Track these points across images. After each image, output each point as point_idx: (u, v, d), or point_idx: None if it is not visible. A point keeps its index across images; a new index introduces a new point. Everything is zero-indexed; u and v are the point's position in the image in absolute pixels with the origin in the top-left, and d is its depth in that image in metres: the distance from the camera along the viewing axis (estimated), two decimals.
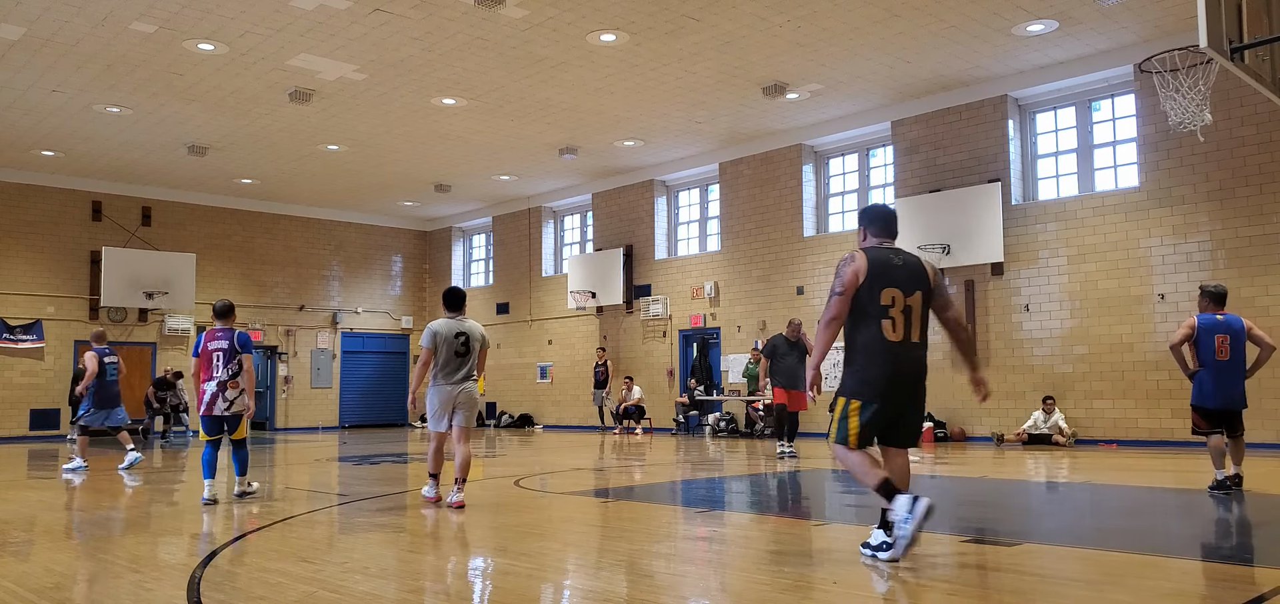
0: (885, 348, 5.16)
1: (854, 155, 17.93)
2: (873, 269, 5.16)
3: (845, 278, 5.19)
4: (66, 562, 5.68)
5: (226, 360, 8.33)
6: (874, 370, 5.19)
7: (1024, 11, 12.46)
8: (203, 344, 8.39)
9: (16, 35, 12.69)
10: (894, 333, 5.16)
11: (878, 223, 5.43)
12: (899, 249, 5.33)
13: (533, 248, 23.88)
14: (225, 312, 8.58)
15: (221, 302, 8.67)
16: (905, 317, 5.17)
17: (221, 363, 8.31)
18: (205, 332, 8.46)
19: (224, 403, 8.30)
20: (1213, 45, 5.55)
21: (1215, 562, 5.54)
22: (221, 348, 8.34)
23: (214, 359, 8.33)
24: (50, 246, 20.80)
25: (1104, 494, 8.54)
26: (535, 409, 23.47)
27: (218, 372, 8.30)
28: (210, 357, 8.33)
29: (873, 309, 5.16)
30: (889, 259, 5.22)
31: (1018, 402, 14.93)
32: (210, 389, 8.29)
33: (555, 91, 15.33)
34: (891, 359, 5.16)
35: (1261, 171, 12.85)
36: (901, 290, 5.16)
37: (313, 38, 12.92)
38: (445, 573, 5.44)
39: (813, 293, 17.67)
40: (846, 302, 5.21)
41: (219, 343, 8.36)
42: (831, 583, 4.81)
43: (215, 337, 8.39)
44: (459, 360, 7.78)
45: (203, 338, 8.44)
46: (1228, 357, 8.28)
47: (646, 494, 9.08)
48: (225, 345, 8.35)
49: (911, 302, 5.18)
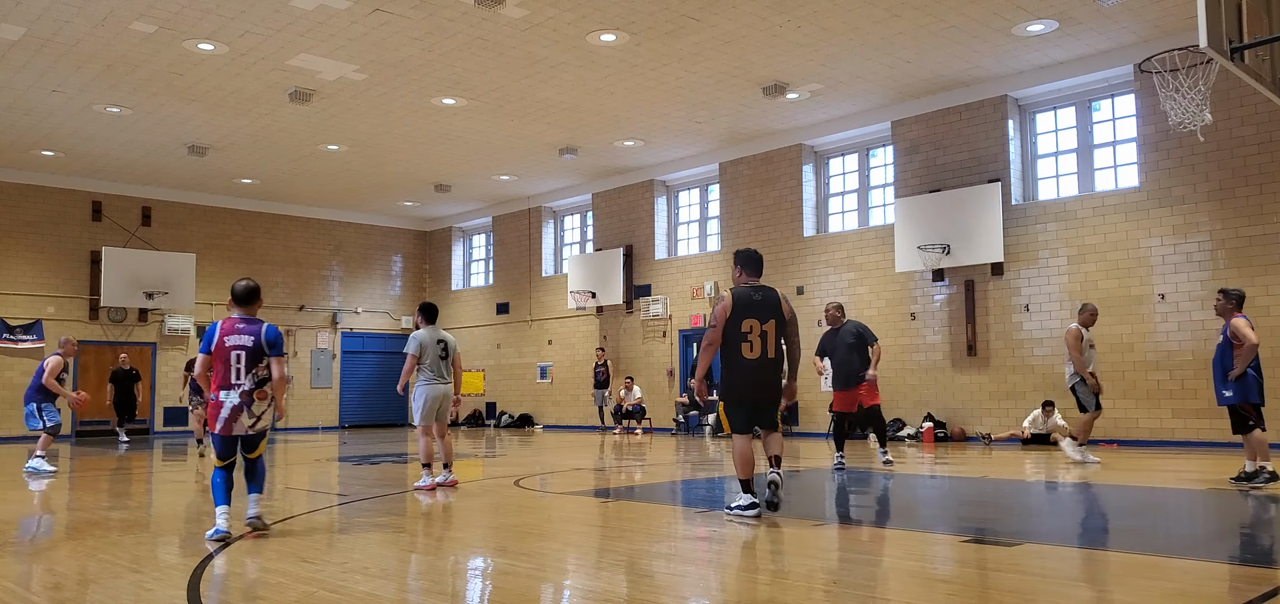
0: (743, 364, 6.84)
1: (854, 155, 17.93)
2: (737, 305, 6.87)
3: (717, 314, 6.91)
4: (66, 562, 5.68)
5: (251, 363, 6.32)
6: (737, 379, 6.87)
7: (1024, 11, 12.46)
8: (217, 338, 6.32)
9: (16, 35, 12.69)
10: (751, 353, 6.82)
11: (749, 265, 7.10)
12: (760, 285, 7.03)
13: (533, 248, 23.88)
14: (247, 296, 6.55)
15: (242, 283, 6.61)
16: (762, 340, 6.84)
17: (244, 367, 6.31)
18: (220, 323, 6.39)
19: (249, 419, 6.32)
20: (1213, 45, 5.55)
21: (1216, 561, 5.54)
22: (244, 346, 6.32)
23: (233, 361, 6.30)
24: (50, 246, 20.79)
25: (1104, 494, 8.54)
26: (535, 409, 23.47)
27: (239, 379, 6.30)
28: (228, 356, 6.30)
29: (734, 336, 6.84)
30: (750, 296, 6.92)
31: (1018, 402, 14.93)
32: (229, 402, 6.28)
33: (555, 91, 15.33)
34: (749, 371, 6.84)
35: (1261, 171, 12.85)
36: (758, 319, 6.85)
37: (313, 38, 12.92)
38: (445, 573, 5.43)
39: (813, 293, 17.67)
40: (719, 332, 6.88)
41: (240, 339, 6.33)
42: (832, 583, 4.81)
43: (235, 330, 6.35)
44: (442, 364, 9.14)
45: (216, 331, 6.35)
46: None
47: (646, 494, 9.08)
48: (249, 343, 6.33)
49: (766, 328, 6.86)
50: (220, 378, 6.32)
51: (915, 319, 16.21)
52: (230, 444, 6.42)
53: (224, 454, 6.42)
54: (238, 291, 6.58)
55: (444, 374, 9.17)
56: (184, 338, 22.22)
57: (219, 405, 6.31)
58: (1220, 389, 8.83)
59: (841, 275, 17.33)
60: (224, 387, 6.31)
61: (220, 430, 6.33)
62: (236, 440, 6.42)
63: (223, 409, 6.30)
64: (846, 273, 17.26)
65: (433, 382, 9.10)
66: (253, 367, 6.32)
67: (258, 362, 6.34)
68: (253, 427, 6.36)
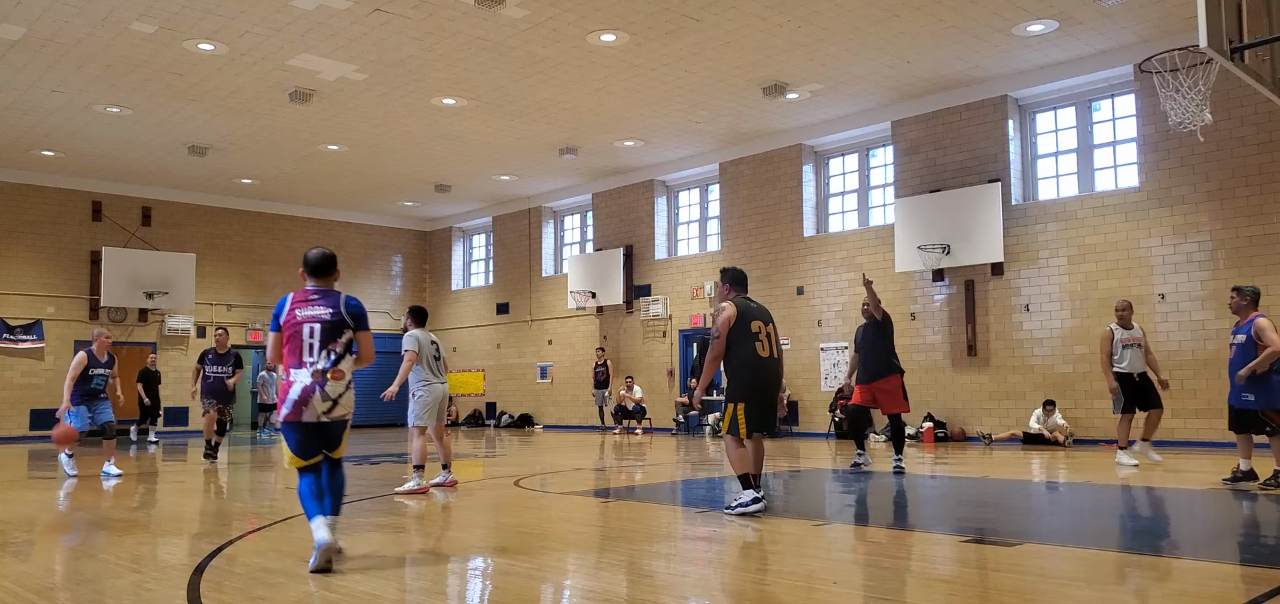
0: (762, 362, 7.06)
1: (854, 155, 17.93)
2: (741, 311, 7.14)
3: (720, 325, 7.08)
4: (66, 562, 5.68)
5: (327, 337, 5.30)
6: (758, 378, 7.04)
7: (1024, 11, 12.46)
8: (287, 312, 5.36)
9: (16, 35, 12.69)
10: (764, 351, 7.09)
11: (738, 283, 7.38)
12: (749, 298, 7.37)
13: (533, 248, 23.88)
14: (321, 264, 5.49)
15: (317, 251, 5.54)
16: (769, 340, 7.15)
17: (319, 342, 5.29)
18: (291, 295, 5.42)
19: (323, 403, 5.24)
20: (1213, 45, 5.55)
21: (1216, 561, 5.54)
22: (320, 318, 5.31)
23: (305, 336, 5.29)
24: (50, 246, 20.80)
25: (1104, 494, 8.54)
26: (535, 409, 23.47)
27: (314, 356, 5.27)
28: (300, 331, 5.29)
29: (747, 337, 7.06)
30: (748, 302, 7.29)
31: (1018, 401, 14.93)
32: (299, 382, 5.24)
33: (555, 91, 15.33)
34: (766, 369, 7.08)
35: (1261, 172, 12.85)
36: (763, 322, 7.19)
37: (313, 38, 12.92)
38: (445, 573, 5.43)
39: (813, 293, 17.68)
40: (724, 342, 7.08)
41: (315, 311, 5.33)
42: (832, 583, 4.81)
43: (308, 301, 5.37)
44: (436, 364, 9.19)
45: (286, 304, 5.39)
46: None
47: (646, 494, 9.07)
48: (326, 315, 5.32)
49: (769, 330, 7.21)
50: (291, 356, 5.29)
51: (915, 319, 16.21)
52: (308, 436, 5.30)
53: (304, 450, 5.33)
54: (311, 260, 5.49)
55: (439, 374, 9.22)
56: (184, 338, 22.23)
57: (287, 388, 5.27)
58: (1240, 392, 8.53)
59: (841, 275, 17.33)
60: (295, 365, 5.28)
61: (289, 416, 5.26)
62: (314, 432, 5.31)
63: (291, 390, 5.24)
64: (846, 273, 17.26)
65: (432, 382, 9.10)
66: (330, 342, 5.30)
67: (336, 337, 5.31)
68: (328, 412, 5.26)
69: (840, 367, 17.26)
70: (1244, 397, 8.52)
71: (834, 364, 17.27)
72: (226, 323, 23.03)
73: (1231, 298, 8.89)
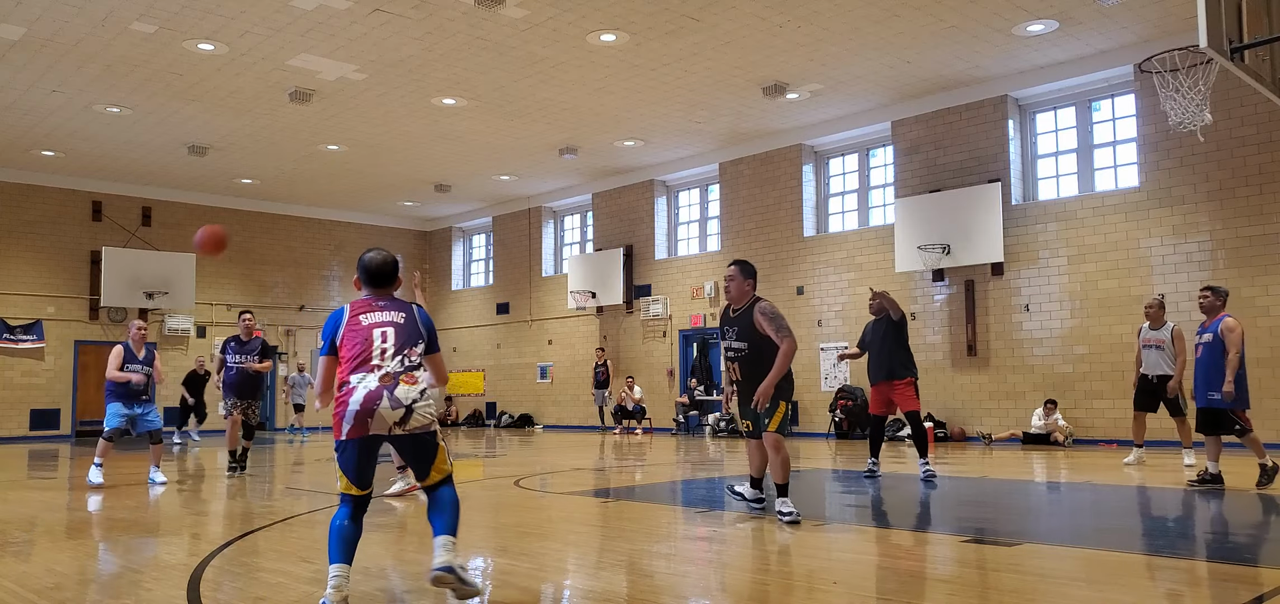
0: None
1: (854, 155, 17.93)
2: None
3: (784, 323, 6.83)
4: (66, 562, 5.68)
5: (403, 344, 4.40)
6: (790, 378, 6.88)
7: (1024, 11, 12.46)
8: (346, 320, 4.44)
9: (16, 35, 12.69)
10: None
11: (755, 277, 7.14)
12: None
13: (533, 248, 23.88)
14: (385, 271, 4.70)
15: (377, 254, 4.74)
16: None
17: (392, 347, 4.37)
18: (347, 306, 4.52)
19: (395, 411, 4.20)
20: (1213, 45, 5.55)
21: (1215, 561, 5.54)
22: (393, 322, 4.46)
23: (376, 340, 4.36)
24: (50, 246, 20.80)
25: (1104, 494, 8.54)
26: (535, 409, 23.47)
27: (386, 360, 4.31)
28: (368, 335, 4.37)
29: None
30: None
31: (1018, 401, 14.93)
32: (363, 387, 4.22)
33: (555, 91, 15.33)
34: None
35: (1261, 172, 12.85)
36: None
37: (313, 38, 12.92)
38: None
39: (813, 293, 17.68)
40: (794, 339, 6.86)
41: (386, 315, 4.48)
42: (831, 583, 4.81)
43: (373, 308, 4.52)
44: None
45: (344, 315, 4.48)
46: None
47: (647, 494, 9.07)
48: (400, 319, 4.48)
49: None
50: (352, 360, 4.31)
51: (915, 319, 16.20)
52: (366, 456, 4.28)
53: (361, 476, 4.29)
54: (370, 266, 4.66)
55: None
56: (184, 338, 22.23)
57: (347, 397, 4.22)
58: (1207, 392, 8.49)
59: (841, 275, 17.34)
60: (358, 368, 4.27)
61: (351, 431, 4.21)
62: (375, 449, 4.32)
63: (353, 397, 4.20)
64: (846, 273, 17.26)
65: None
66: (404, 349, 4.37)
67: (412, 344, 4.41)
68: (402, 422, 4.21)
69: (840, 367, 17.25)
70: (1210, 396, 8.47)
71: (834, 364, 17.27)
72: (227, 323, 23.02)
73: (1205, 297, 8.77)
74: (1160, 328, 10.48)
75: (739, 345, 6.86)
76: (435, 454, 4.40)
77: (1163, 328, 10.47)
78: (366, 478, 4.31)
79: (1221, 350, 8.46)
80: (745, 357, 6.83)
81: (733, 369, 6.96)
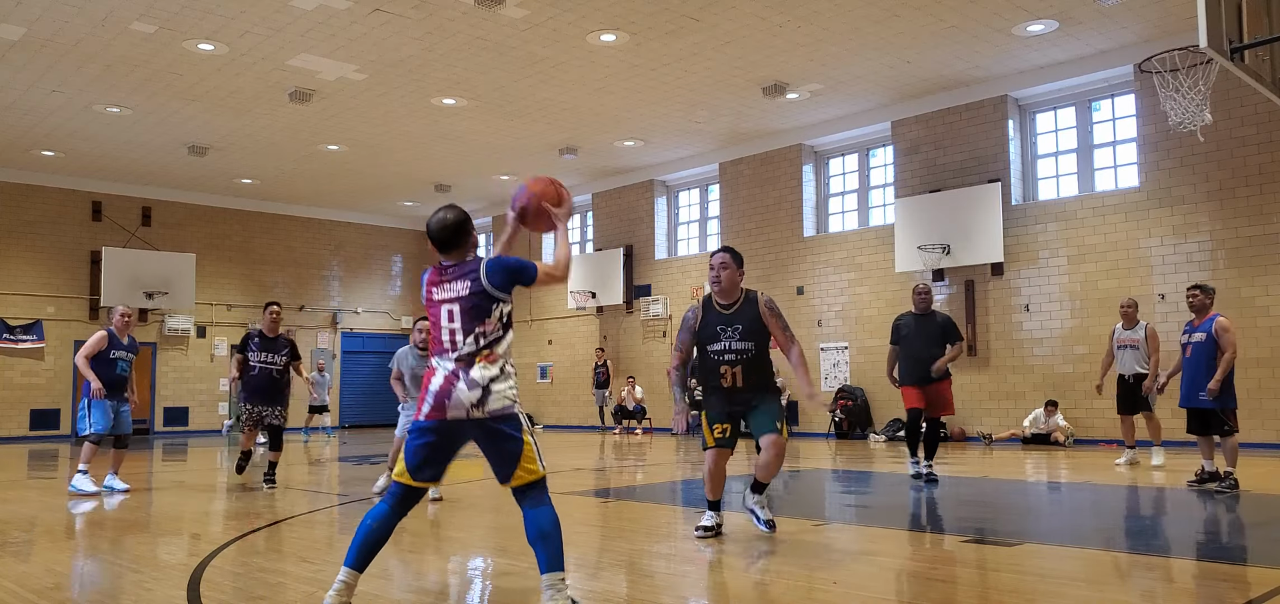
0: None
1: (854, 155, 17.93)
2: None
3: (786, 319, 6.22)
4: (66, 562, 5.68)
5: (472, 320, 4.06)
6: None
7: (1024, 11, 12.46)
8: (424, 293, 4.26)
9: (16, 35, 12.69)
10: None
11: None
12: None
13: (533, 248, 23.88)
14: (447, 235, 4.22)
15: (438, 216, 4.25)
16: None
17: (461, 325, 4.06)
18: (427, 275, 4.28)
19: (472, 392, 3.94)
20: (1213, 45, 5.55)
21: (1215, 561, 5.54)
22: (458, 296, 4.11)
23: (444, 320, 4.11)
24: (50, 246, 20.79)
25: (1104, 494, 8.54)
26: (535, 409, 23.47)
27: (459, 343, 4.05)
28: (438, 315, 4.14)
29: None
30: None
31: (1018, 401, 14.93)
32: (444, 368, 4.03)
33: (555, 91, 15.33)
34: None
35: (1261, 172, 12.85)
36: None
37: (313, 38, 12.92)
38: (445, 573, 5.43)
39: (813, 293, 17.68)
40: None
41: (452, 289, 4.13)
42: (831, 583, 4.81)
43: (442, 280, 4.19)
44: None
45: (424, 287, 4.28)
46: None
47: (647, 494, 9.07)
48: (464, 291, 4.10)
49: None
50: (434, 345, 4.15)
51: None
52: (438, 446, 4.04)
53: (419, 463, 4.03)
54: (430, 232, 4.23)
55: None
56: (184, 338, 22.22)
57: (428, 378, 4.06)
58: (1196, 392, 8.45)
59: (841, 275, 17.34)
60: (437, 352, 4.10)
61: (430, 413, 3.99)
62: (450, 443, 4.06)
63: (433, 379, 4.02)
64: (846, 273, 17.26)
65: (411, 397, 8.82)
66: (476, 324, 4.03)
67: (485, 316, 4.04)
68: (479, 403, 3.91)
69: (840, 367, 17.25)
70: (1200, 396, 8.44)
71: (834, 364, 17.27)
72: (227, 323, 23.03)
73: (1194, 296, 8.70)
74: (1134, 328, 10.60)
75: (744, 346, 5.98)
76: (520, 451, 3.98)
77: (1136, 328, 10.61)
78: (427, 471, 4.03)
79: (1214, 350, 8.42)
80: (751, 359, 5.99)
81: (730, 374, 5.98)
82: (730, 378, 5.99)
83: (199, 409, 22.35)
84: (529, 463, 4.00)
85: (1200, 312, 8.66)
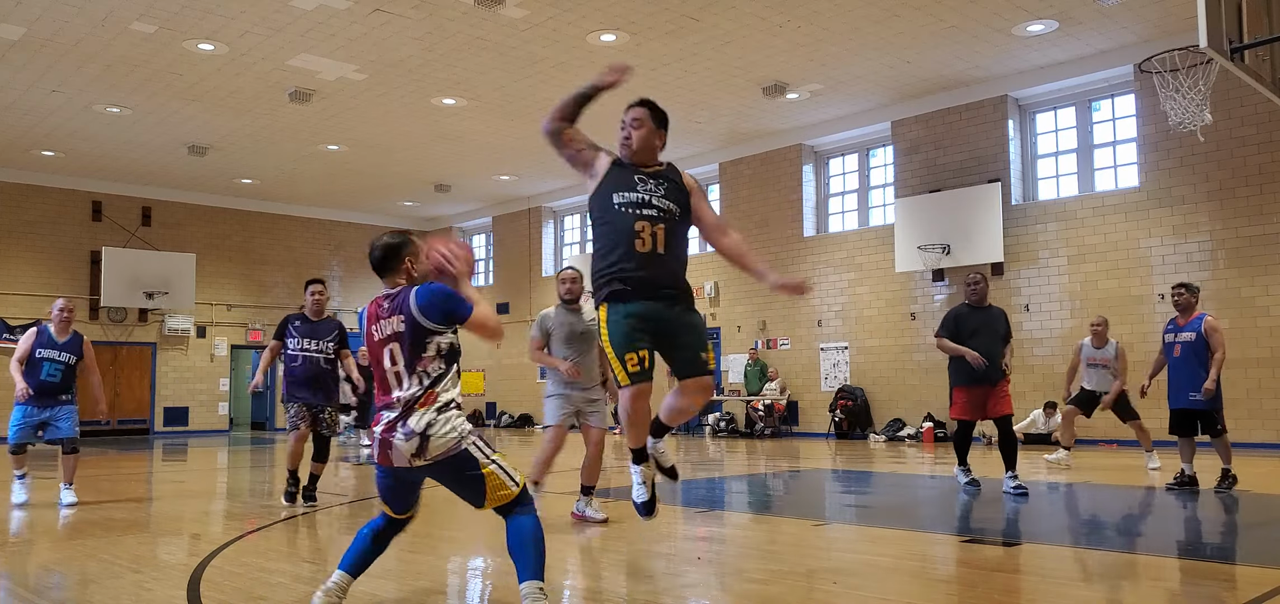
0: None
1: (854, 155, 17.93)
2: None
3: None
4: (66, 562, 5.68)
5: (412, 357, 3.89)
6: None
7: (1024, 11, 12.46)
8: (365, 331, 4.11)
9: (16, 35, 12.69)
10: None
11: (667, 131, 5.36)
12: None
13: (533, 248, 23.88)
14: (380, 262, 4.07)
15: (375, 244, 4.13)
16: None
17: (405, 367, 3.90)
18: (366, 310, 4.14)
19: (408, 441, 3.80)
20: (1213, 45, 5.55)
21: (1214, 562, 5.54)
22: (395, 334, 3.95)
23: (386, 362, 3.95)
24: (50, 246, 20.79)
25: (1103, 494, 8.54)
26: (535, 409, 23.45)
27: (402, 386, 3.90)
28: (379, 357, 3.99)
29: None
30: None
31: (1017, 402, 14.81)
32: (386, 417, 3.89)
33: (555, 91, 15.21)
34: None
35: (1261, 172, 12.85)
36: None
37: (313, 38, 12.92)
38: (445, 573, 5.43)
39: (813, 293, 17.66)
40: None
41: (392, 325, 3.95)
42: (831, 583, 4.81)
43: (380, 314, 3.99)
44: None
45: (363, 323, 4.13)
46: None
47: None
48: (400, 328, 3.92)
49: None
50: (380, 390, 3.99)
51: (915, 319, 16.21)
52: (397, 487, 3.97)
53: (386, 499, 4.01)
54: (372, 259, 4.08)
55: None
56: (184, 338, 22.22)
57: (375, 424, 3.93)
58: (1187, 393, 8.35)
59: (842, 275, 17.33)
60: (382, 394, 3.96)
61: (378, 459, 3.91)
62: (407, 480, 3.93)
63: (378, 426, 3.89)
64: (846, 273, 17.26)
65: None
66: (416, 364, 3.84)
67: (422, 352, 3.84)
68: (419, 451, 3.76)
69: (840, 367, 17.24)
70: (1191, 396, 8.33)
71: (834, 364, 17.27)
72: (227, 323, 23.03)
73: (1180, 295, 8.62)
74: (1103, 347, 10.54)
75: (668, 204, 4.72)
76: (484, 483, 3.83)
77: (1106, 347, 10.55)
78: (398, 505, 4.00)
79: (1203, 349, 8.34)
80: (676, 223, 4.65)
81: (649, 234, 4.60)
82: (649, 239, 4.56)
83: (199, 409, 22.35)
84: (499, 488, 3.87)
85: (1186, 310, 8.57)
